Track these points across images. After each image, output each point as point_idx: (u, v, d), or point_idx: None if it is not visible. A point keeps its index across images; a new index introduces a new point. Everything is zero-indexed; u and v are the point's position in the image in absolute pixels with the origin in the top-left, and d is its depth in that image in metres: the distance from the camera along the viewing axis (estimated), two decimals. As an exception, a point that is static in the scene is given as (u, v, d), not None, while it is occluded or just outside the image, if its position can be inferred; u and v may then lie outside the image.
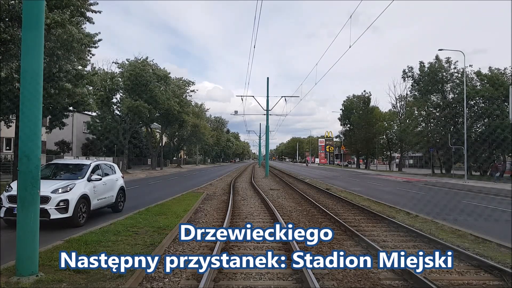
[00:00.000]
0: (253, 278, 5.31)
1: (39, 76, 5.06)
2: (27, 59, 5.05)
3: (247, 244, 7.22)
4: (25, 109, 4.86)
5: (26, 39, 5.06)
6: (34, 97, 4.93)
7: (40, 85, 5.06)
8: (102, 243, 6.77)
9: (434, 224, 9.59)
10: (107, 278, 4.96)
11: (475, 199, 16.94)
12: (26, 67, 5.05)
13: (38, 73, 5.07)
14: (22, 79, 5.00)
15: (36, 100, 4.94)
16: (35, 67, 5.05)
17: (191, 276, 5.31)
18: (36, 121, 4.91)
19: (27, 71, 5.03)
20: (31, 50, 5.04)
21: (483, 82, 34.55)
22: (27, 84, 4.93)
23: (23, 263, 4.80)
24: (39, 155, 4.92)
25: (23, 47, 5.08)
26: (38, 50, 5.13)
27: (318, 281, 4.95)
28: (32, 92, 4.91)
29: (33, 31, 5.09)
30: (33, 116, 4.89)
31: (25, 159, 4.79)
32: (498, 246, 7.30)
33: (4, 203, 8.37)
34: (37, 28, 5.13)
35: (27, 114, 4.85)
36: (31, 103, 4.88)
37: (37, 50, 5.11)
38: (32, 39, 5.07)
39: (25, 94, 4.88)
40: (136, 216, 9.73)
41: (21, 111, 4.88)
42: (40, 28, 5.16)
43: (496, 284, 5.25)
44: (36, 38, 5.12)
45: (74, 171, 9.82)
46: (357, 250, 7.02)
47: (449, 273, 5.74)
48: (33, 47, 5.06)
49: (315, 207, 12.57)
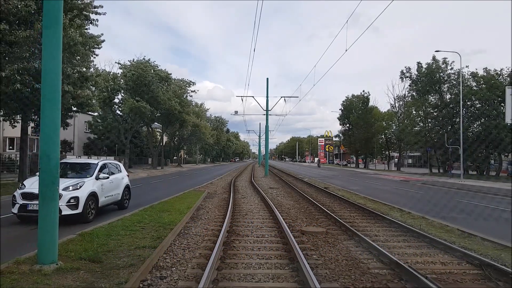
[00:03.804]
0: (253, 268, 5.78)
1: (58, 77, 5.38)
2: (47, 58, 5.32)
3: (247, 238, 7.71)
4: (45, 111, 5.31)
5: (46, 38, 5.34)
6: (54, 99, 5.35)
7: (59, 86, 5.46)
8: (112, 237, 7.25)
9: (425, 220, 10.09)
10: (120, 267, 5.44)
11: (465, 197, 17.43)
12: (46, 66, 5.33)
13: (57, 74, 5.37)
14: (43, 80, 5.31)
15: (56, 102, 5.39)
16: (54, 67, 5.33)
17: (196, 266, 5.79)
18: (56, 122, 5.38)
19: (47, 71, 5.31)
20: (50, 49, 5.32)
21: (479, 83, 35.07)
22: (47, 85, 5.30)
23: (44, 253, 5.28)
24: (58, 155, 5.41)
25: (44, 46, 5.36)
26: (57, 49, 5.41)
27: (312, 269, 5.42)
28: (52, 94, 5.34)
29: (51, 29, 5.37)
30: (52, 118, 5.35)
31: (46, 158, 5.26)
32: (482, 240, 7.79)
33: (18, 200, 8.85)
34: (56, 27, 5.42)
35: (48, 116, 5.31)
36: (51, 105, 5.33)
37: (56, 49, 5.39)
38: (52, 37, 5.35)
39: (46, 96, 5.31)
40: (141, 213, 10.21)
41: (42, 112, 5.34)
42: (59, 27, 5.45)
43: (475, 273, 5.73)
44: (55, 36, 5.39)
45: (83, 169, 10.30)
46: (350, 243, 7.50)
47: (433, 263, 6.23)
48: (53, 45, 5.34)
49: (313, 205, 13.05)
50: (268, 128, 37.37)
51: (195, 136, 59.97)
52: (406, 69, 42.62)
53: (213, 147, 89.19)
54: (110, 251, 6.26)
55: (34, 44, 13.06)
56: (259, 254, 6.51)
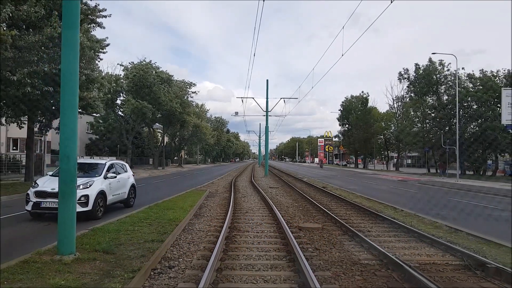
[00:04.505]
0: (253, 259, 6.31)
1: (75, 84, 5.87)
2: (66, 58, 5.77)
3: (248, 233, 8.24)
4: (65, 117, 5.84)
5: (66, 37, 5.79)
6: (72, 105, 5.87)
7: (76, 93, 5.98)
8: (121, 232, 7.78)
9: (416, 217, 10.62)
10: (132, 258, 5.96)
11: (457, 196, 17.97)
12: (65, 68, 5.77)
13: (75, 81, 5.87)
14: (62, 84, 5.79)
15: (74, 108, 5.91)
16: (73, 68, 5.79)
17: (201, 257, 6.32)
18: (74, 126, 5.91)
19: (65, 73, 5.77)
20: (69, 49, 5.77)
21: (475, 85, 35.65)
22: (66, 93, 5.80)
23: (63, 244, 5.80)
24: (76, 155, 5.94)
25: (63, 47, 5.80)
26: (75, 50, 5.87)
27: (307, 260, 5.94)
28: (71, 102, 5.85)
29: (71, 29, 5.85)
30: (71, 121, 5.87)
31: (66, 159, 5.79)
32: (467, 235, 8.33)
33: (31, 198, 9.39)
34: (74, 27, 5.88)
35: (67, 120, 5.84)
36: (69, 111, 5.85)
37: (74, 50, 5.85)
38: (71, 37, 5.82)
39: (65, 104, 5.83)
40: (147, 211, 10.73)
41: (62, 118, 5.87)
42: (77, 27, 5.92)
43: (457, 263, 6.26)
44: (74, 37, 5.85)
45: (92, 169, 10.83)
46: (344, 238, 8.03)
47: (419, 255, 6.75)
48: (71, 45, 5.80)
49: (311, 203, 13.58)
50: (268, 129, 37.96)
51: (196, 137, 60.57)
52: (404, 70, 43.21)
53: (214, 147, 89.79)
54: (121, 244, 6.78)
55: (43, 48, 13.60)
56: (258, 247, 7.04)
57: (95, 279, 4.92)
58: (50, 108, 16.62)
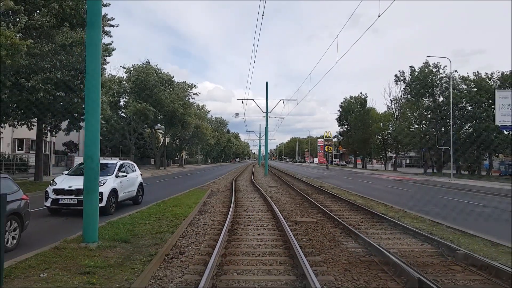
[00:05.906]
0: (253, 247, 7.15)
1: (98, 91, 6.73)
2: (90, 59, 6.51)
3: (248, 226, 9.09)
4: (89, 123, 6.69)
5: (89, 38, 6.55)
6: (95, 112, 6.73)
7: (98, 99, 6.83)
8: (135, 225, 8.63)
9: (403, 213, 11.48)
10: (147, 246, 6.81)
11: (447, 194, 18.83)
12: (90, 70, 6.54)
13: (97, 89, 6.70)
14: (87, 89, 6.66)
15: (96, 114, 6.77)
16: (95, 71, 6.55)
17: (207, 246, 7.17)
18: (97, 129, 6.76)
19: (89, 78, 6.54)
20: (93, 50, 6.50)
21: (470, 86, 36.53)
22: (90, 100, 6.67)
23: (88, 233, 6.66)
24: (99, 156, 6.79)
25: (88, 48, 6.54)
26: (98, 51, 6.63)
27: (301, 248, 6.77)
28: (94, 109, 6.72)
29: (95, 29, 6.61)
30: (94, 124, 6.72)
31: (89, 160, 6.65)
32: (447, 227, 9.18)
33: (50, 195, 10.26)
34: (96, 27, 6.62)
35: (90, 125, 6.69)
36: (93, 117, 6.71)
37: (97, 51, 6.61)
38: (94, 37, 6.56)
39: (89, 111, 6.70)
40: (155, 207, 11.59)
41: (86, 123, 6.73)
42: (99, 27, 6.67)
43: (433, 251, 7.11)
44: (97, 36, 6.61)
45: (104, 168, 11.66)
46: (335, 230, 8.88)
47: (401, 244, 7.61)
48: (94, 46, 6.55)
49: (308, 201, 14.43)
50: (267, 129, 38.81)
51: (197, 137, 61.49)
52: (400, 72, 44.09)
53: (214, 148, 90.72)
54: (136, 235, 7.64)
55: (56, 56, 14.46)
56: (258, 238, 7.90)
57: (118, 261, 5.77)
58: (61, 111, 17.44)
